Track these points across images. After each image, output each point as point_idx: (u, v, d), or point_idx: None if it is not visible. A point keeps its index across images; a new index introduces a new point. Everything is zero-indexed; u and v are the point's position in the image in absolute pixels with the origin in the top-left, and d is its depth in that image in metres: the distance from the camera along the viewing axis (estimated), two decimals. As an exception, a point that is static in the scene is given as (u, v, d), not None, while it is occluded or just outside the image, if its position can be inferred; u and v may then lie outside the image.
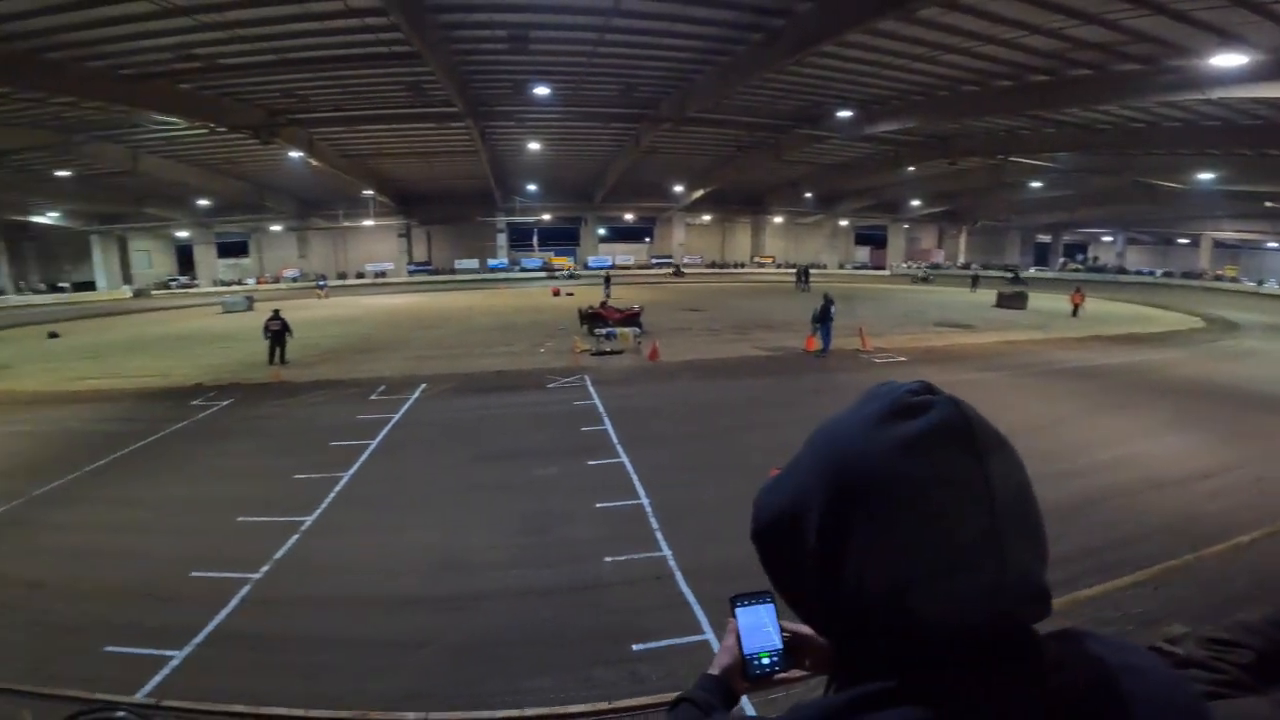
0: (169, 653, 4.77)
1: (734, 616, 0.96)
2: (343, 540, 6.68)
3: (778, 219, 50.04)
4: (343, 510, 7.47)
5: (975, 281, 37.35)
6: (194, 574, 5.92)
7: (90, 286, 42.13)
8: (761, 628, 0.96)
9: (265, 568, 6.09)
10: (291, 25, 15.54)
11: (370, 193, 38.01)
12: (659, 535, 6.50)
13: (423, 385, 13.46)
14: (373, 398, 12.62)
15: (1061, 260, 55.04)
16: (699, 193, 41.07)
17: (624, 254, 49.82)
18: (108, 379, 15.22)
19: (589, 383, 13.27)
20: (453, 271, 45.93)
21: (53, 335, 23.03)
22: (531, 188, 41.24)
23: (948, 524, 0.52)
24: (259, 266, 45.24)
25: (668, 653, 4.61)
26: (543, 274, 45.81)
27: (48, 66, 15.43)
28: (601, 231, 49.30)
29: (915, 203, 45.76)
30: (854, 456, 0.55)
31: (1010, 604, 0.52)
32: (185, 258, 45.60)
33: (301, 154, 27.06)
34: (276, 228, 43.77)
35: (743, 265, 50.53)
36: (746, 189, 43.65)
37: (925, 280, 44.38)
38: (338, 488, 8.10)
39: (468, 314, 26.46)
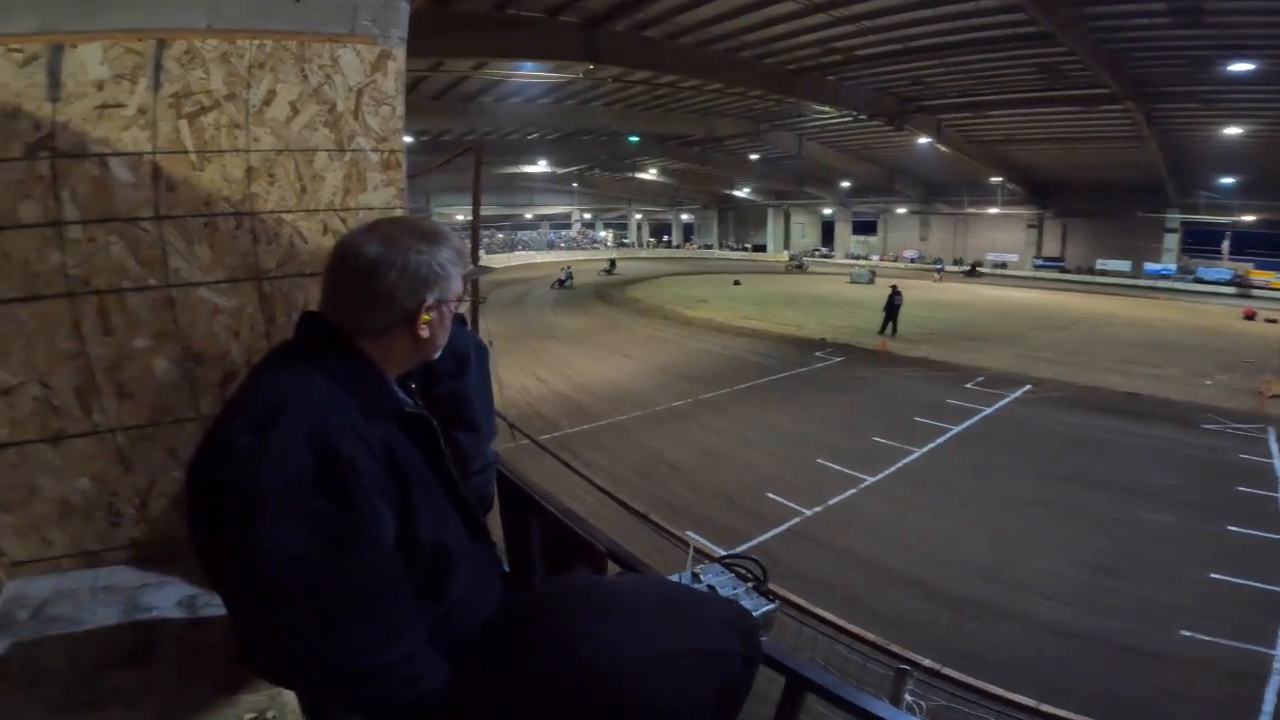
0: (717, 551, 6.02)
1: None
2: (890, 508, 7.07)
3: None
4: (902, 482, 7.86)
5: None
6: (768, 494, 7.32)
7: (762, 249, 54.38)
8: None
9: (818, 508, 7.02)
10: (908, 14, 15.95)
11: (998, 180, 35.63)
12: (1288, 636, 4.86)
13: (1026, 386, 12.44)
14: (967, 386, 12.45)
15: None
16: None
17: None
18: (763, 323, 19.72)
19: (1273, 436, 9.66)
20: (1091, 271, 39.02)
21: (736, 283, 31.04)
22: (1225, 180, 30.61)
23: None
24: (883, 245, 49.06)
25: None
26: (1230, 289, 33.96)
27: (739, 65, 19.79)
28: (1356, 240, 32.73)
29: None
30: None
31: None
32: (827, 232, 53.43)
33: (929, 140, 27.64)
34: (901, 210, 46.22)
35: None
36: None
37: None
38: (906, 460, 8.53)
39: (1105, 321, 22.44)
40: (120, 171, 1.44)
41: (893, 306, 17.89)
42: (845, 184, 43.51)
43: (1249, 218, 33.13)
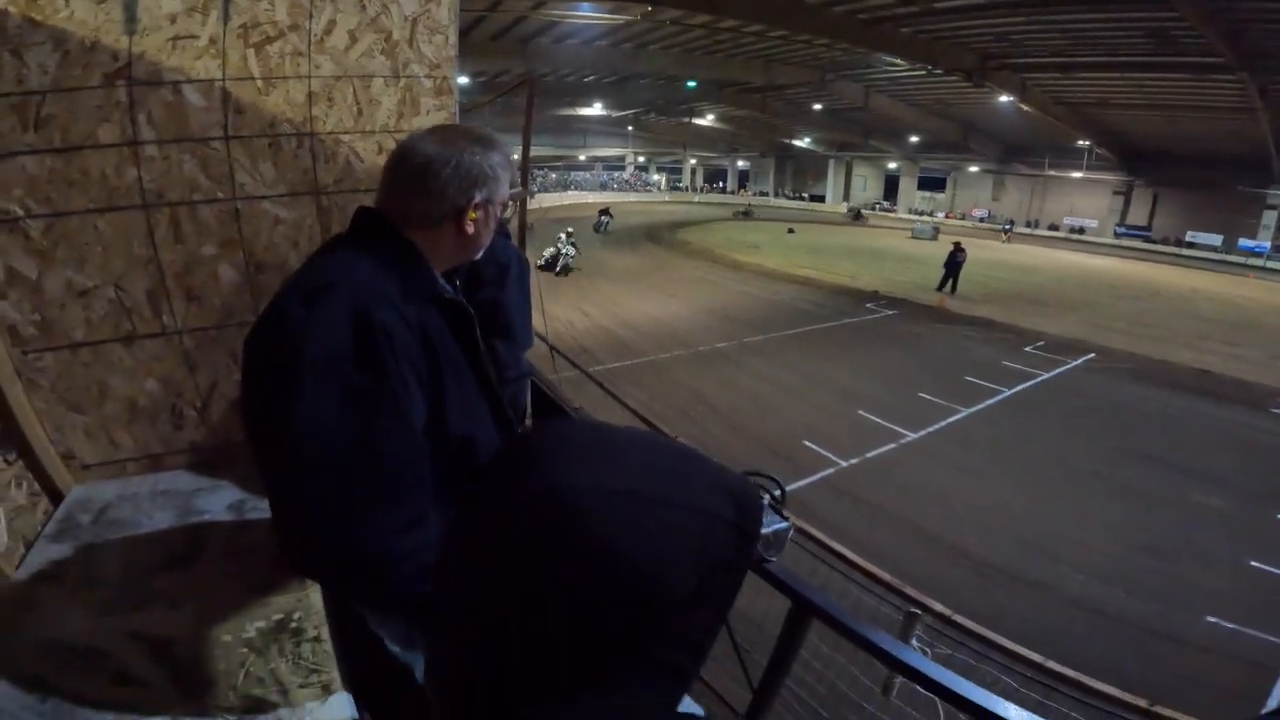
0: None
1: None
2: (930, 466, 6.99)
3: None
4: (945, 441, 7.74)
5: None
6: (805, 442, 7.31)
7: (820, 200, 52.55)
8: None
9: (854, 460, 6.99)
10: (992, -34, 14.47)
11: (1085, 143, 33.11)
12: (1318, 627, 4.78)
13: (1090, 355, 11.96)
14: (1026, 349, 12.06)
15: None
16: None
17: None
18: (816, 271, 19.33)
19: (1359, 427, 9.12)
20: (1179, 243, 36.27)
21: (790, 231, 30.38)
22: (1338, 158, 27.72)
23: None
24: (950, 203, 46.69)
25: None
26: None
27: (809, 11, 18.82)
28: None
29: None
30: None
31: None
32: (891, 185, 51.09)
33: (1011, 99, 25.91)
34: (974, 169, 43.71)
35: None
36: None
37: None
38: (952, 419, 8.38)
39: (1188, 296, 21.12)
40: (193, 96, 1.55)
41: (954, 264, 17.22)
42: (914, 139, 41.26)
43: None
